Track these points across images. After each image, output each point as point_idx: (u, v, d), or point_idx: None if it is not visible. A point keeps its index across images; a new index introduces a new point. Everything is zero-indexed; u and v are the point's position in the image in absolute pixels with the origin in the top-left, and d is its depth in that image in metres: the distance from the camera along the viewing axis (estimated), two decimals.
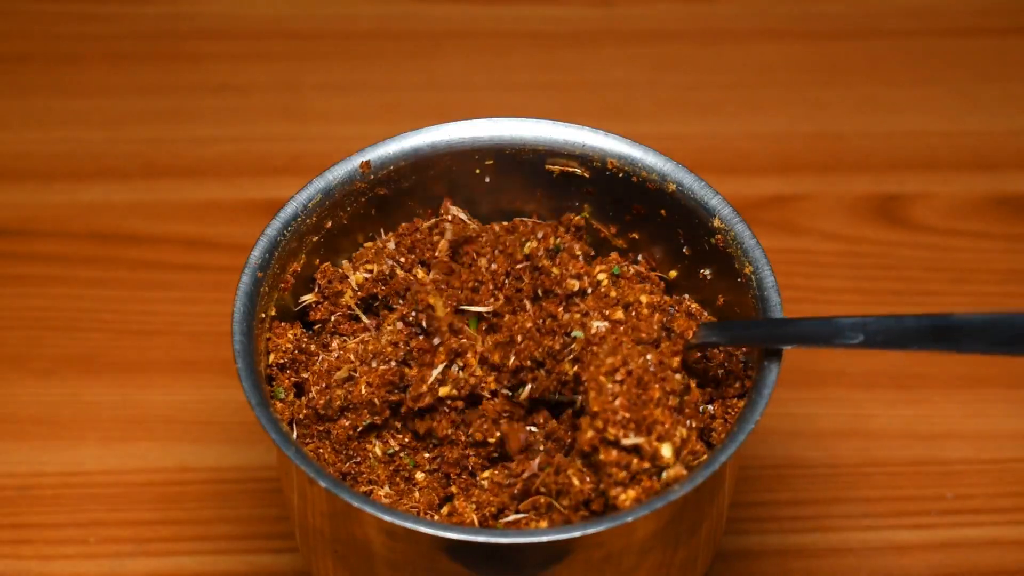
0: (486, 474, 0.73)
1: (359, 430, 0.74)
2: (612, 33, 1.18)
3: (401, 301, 0.76)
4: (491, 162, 0.80)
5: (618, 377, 0.69)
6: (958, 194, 1.06)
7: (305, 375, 0.76)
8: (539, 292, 0.74)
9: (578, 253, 0.76)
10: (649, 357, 0.69)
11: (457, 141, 0.80)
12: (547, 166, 0.78)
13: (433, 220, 0.79)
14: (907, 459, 0.91)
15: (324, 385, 0.74)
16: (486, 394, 0.73)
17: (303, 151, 1.08)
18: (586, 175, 0.79)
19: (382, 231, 0.80)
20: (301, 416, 0.74)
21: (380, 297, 0.77)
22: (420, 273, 0.76)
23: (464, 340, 0.73)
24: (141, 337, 0.97)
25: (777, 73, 1.15)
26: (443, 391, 0.73)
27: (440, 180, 0.80)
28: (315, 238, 0.78)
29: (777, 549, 0.87)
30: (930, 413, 0.94)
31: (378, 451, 0.74)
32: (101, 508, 0.89)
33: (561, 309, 0.73)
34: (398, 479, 0.74)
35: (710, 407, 0.75)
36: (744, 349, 0.76)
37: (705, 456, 0.71)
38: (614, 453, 0.68)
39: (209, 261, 1.01)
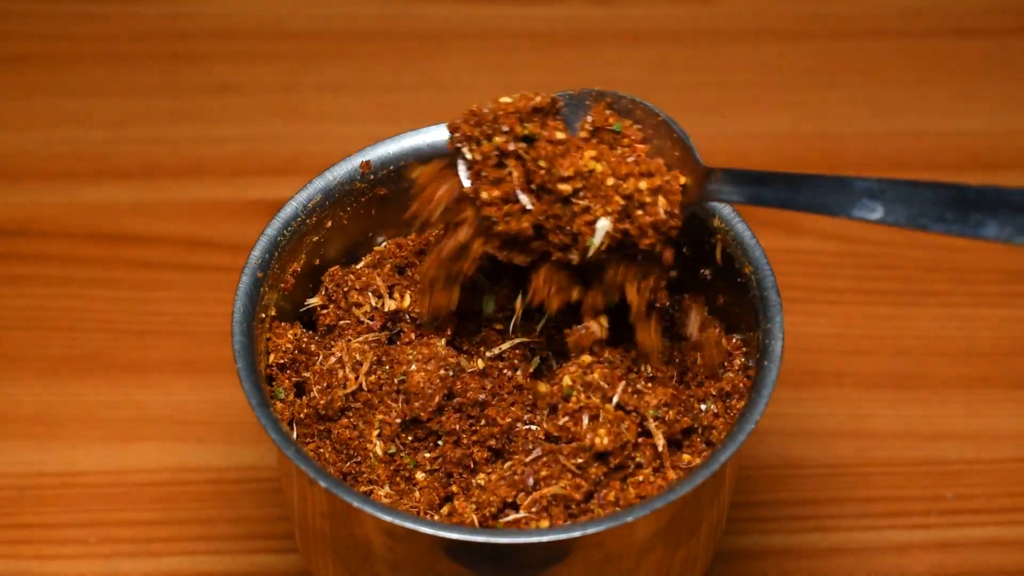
0: (481, 477, 0.73)
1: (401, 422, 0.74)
2: (612, 33, 1.18)
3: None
4: None
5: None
6: None
7: (306, 375, 0.75)
8: (532, 186, 0.71)
9: (559, 136, 0.71)
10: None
11: None
12: None
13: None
14: (907, 459, 0.91)
15: (325, 385, 0.74)
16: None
17: (303, 151, 1.08)
18: None
19: (382, 239, 0.80)
20: (301, 416, 0.74)
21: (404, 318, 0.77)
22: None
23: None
24: (141, 337, 0.97)
25: (777, 73, 1.15)
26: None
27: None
28: (315, 238, 0.78)
29: (777, 549, 0.87)
30: (930, 413, 0.94)
31: (378, 451, 0.74)
32: (101, 508, 0.89)
33: (560, 206, 0.71)
34: (398, 479, 0.74)
35: (713, 407, 0.75)
36: (744, 349, 0.76)
37: (706, 454, 0.71)
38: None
39: (209, 261, 1.01)
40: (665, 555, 0.71)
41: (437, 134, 0.80)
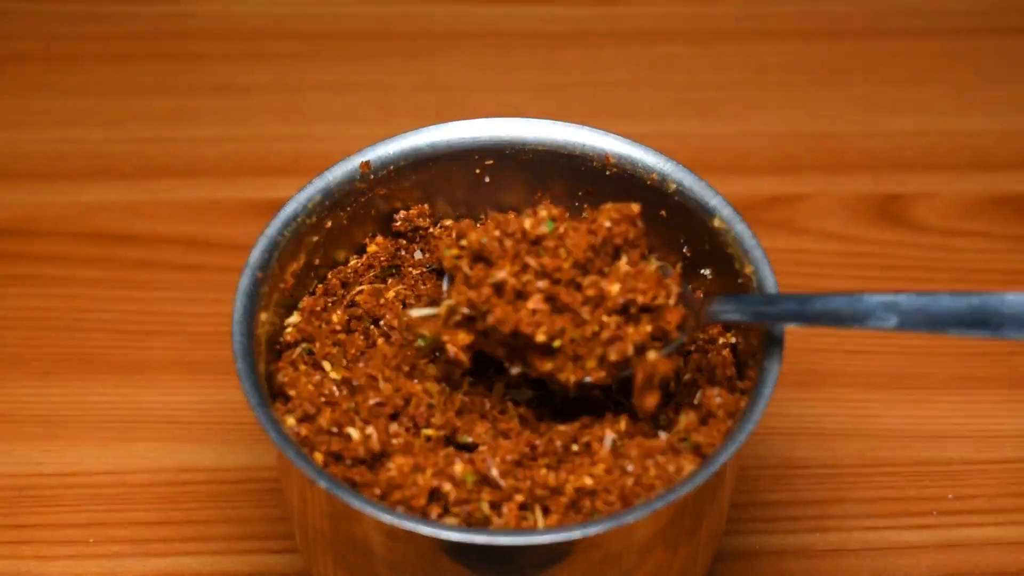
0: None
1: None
2: (612, 33, 1.18)
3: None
4: (491, 162, 0.80)
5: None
6: (958, 194, 1.06)
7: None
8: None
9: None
10: None
11: (457, 141, 0.80)
12: None
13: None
14: (907, 459, 0.91)
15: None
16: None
17: (303, 151, 1.08)
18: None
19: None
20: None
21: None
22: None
23: None
24: (141, 337, 0.97)
25: (777, 73, 1.15)
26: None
27: (440, 180, 0.80)
28: (315, 238, 0.78)
29: (777, 549, 0.87)
30: (930, 413, 0.94)
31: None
32: (101, 508, 0.89)
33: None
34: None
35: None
36: (736, 339, 0.76)
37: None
38: None
39: (209, 261, 1.01)
40: (665, 555, 0.71)
41: (437, 134, 0.80)
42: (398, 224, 0.81)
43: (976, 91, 1.13)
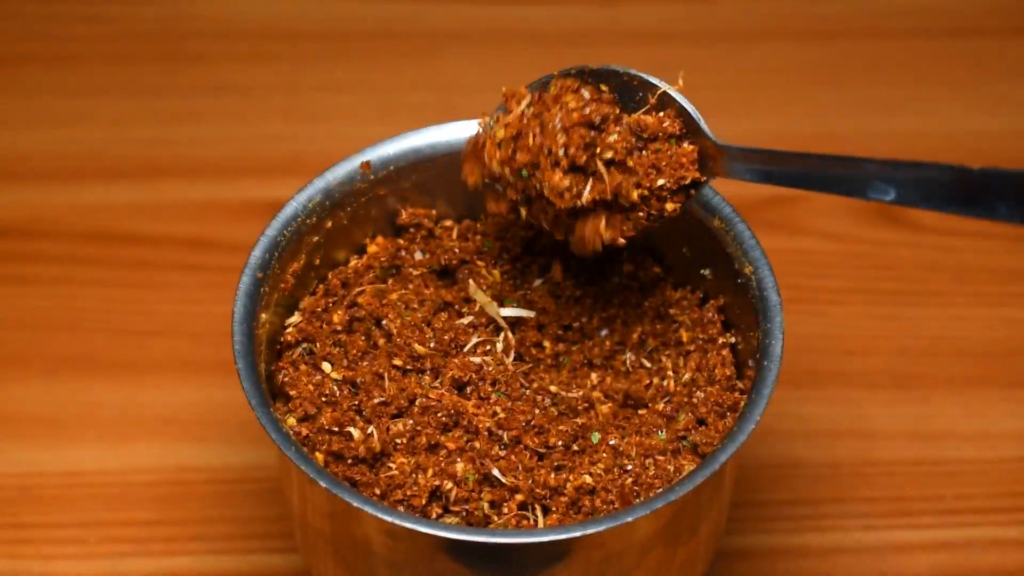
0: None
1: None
2: (612, 33, 1.18)
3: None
4: None
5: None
6: None
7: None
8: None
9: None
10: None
11: (457, 141, 0.80)
12: None
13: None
14: (907, 459, 0.91)
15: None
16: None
17: (303, 151, 1.08)
18: None
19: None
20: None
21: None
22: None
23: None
24: (141, 337, 0.97)
25: (777, 73, 1.15)
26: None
27: (440, 180, 0.80)
28: (315, 238, 0.78)
29: (777, 549, 0.87)
30: (930, 413, 0.94)
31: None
32: (101, 508, 0.89)
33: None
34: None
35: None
36: (736, 339, 0.76)
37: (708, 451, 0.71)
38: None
39: (209, 261, 1.01)
40: (665, 555, 0.71)
41: (437, 134, 0.80)
42: (403, 218, 0.81)
43: (976, 91, 1.13)
